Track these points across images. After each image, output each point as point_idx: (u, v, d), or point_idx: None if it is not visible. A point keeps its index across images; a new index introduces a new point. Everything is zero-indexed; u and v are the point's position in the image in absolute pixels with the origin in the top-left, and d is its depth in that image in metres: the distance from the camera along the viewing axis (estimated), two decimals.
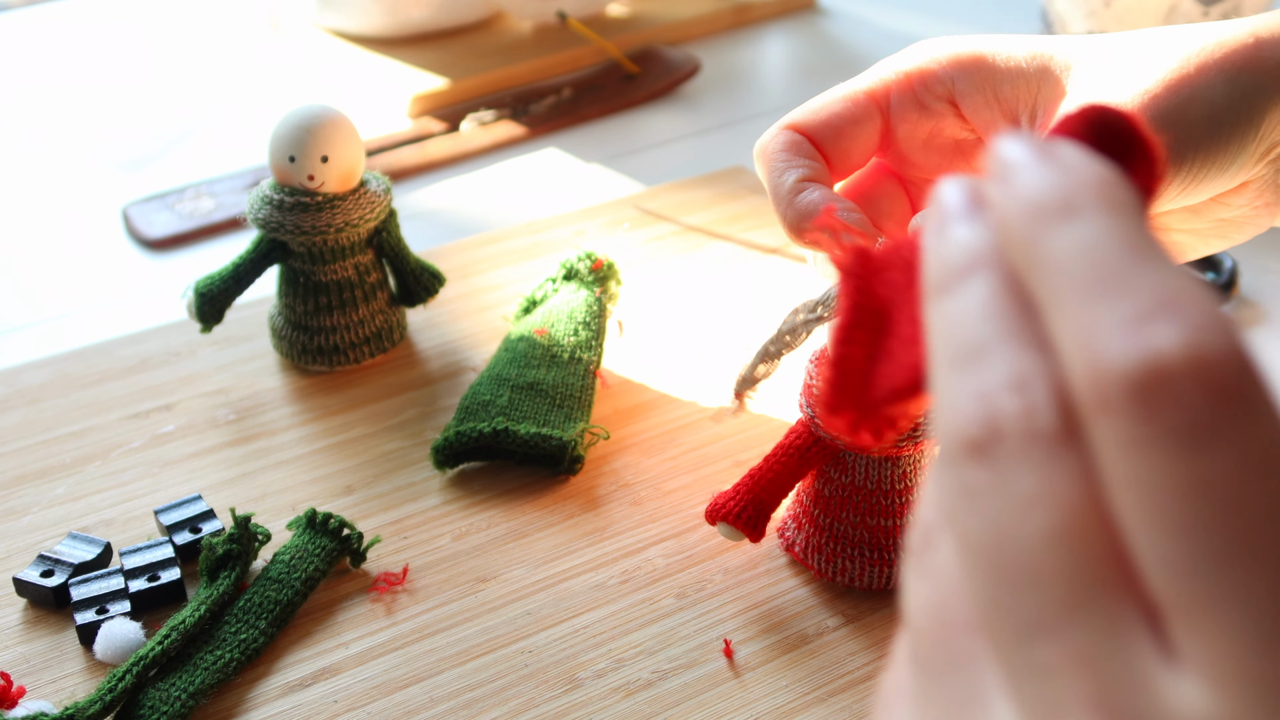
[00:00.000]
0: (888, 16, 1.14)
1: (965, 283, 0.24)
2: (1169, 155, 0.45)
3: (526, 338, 0.64)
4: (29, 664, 0.51)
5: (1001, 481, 0.22)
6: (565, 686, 0.49)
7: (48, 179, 0.93)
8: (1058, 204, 0.22)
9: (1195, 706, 0.21)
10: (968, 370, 0.23)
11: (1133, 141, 0.25)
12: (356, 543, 0.55)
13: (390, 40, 1.04)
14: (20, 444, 0.62)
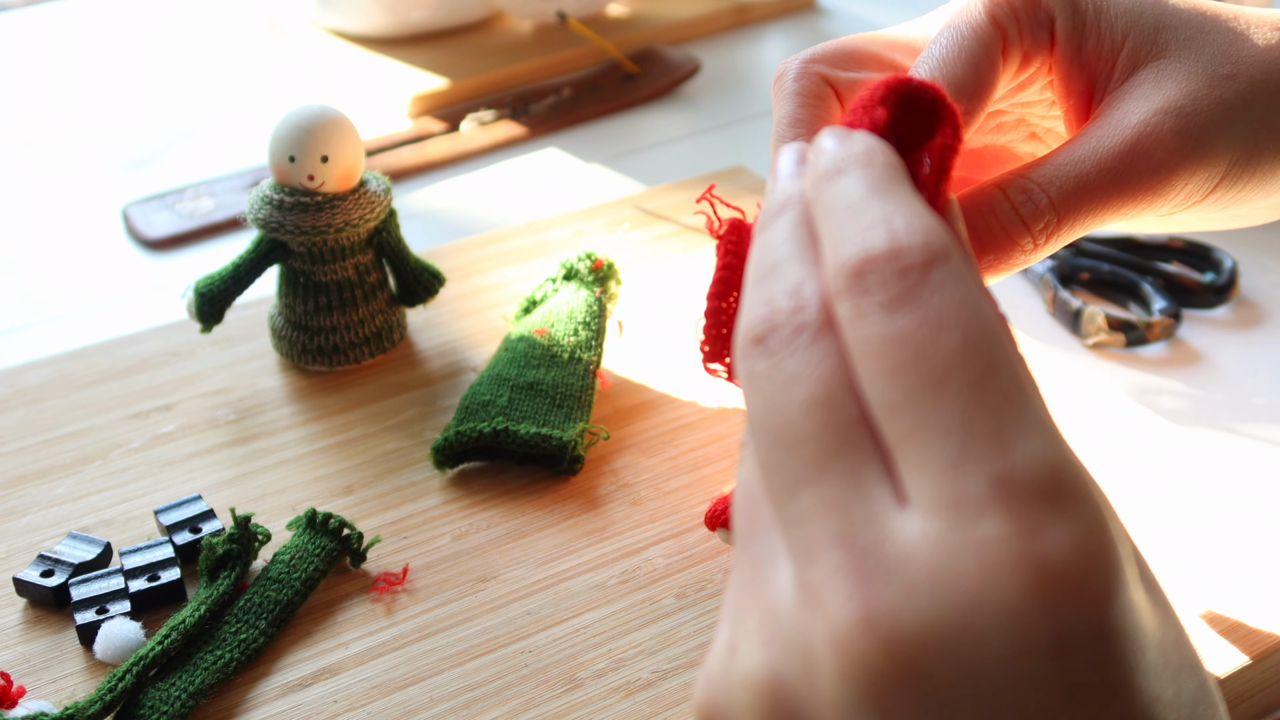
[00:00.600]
0: (888, 16, 1.14)
1: (775, 220, 0.31)
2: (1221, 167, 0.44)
3: (526, 338, 0.64)
4: (29, 664, 0.51)
5: (774, 365, 0.29)
6: (565, 686, 0.49)
7: (48, 179, 0.93)
8: (834, 167, 0.31)
9: (912, 534, 0.26)
10: (762, 282, 0.30)
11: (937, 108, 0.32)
12: (356, 543, 0.55)
13: (390, 40, 1.04)
14: (20, 444, 0.62)
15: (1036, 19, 0.44)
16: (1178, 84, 0.44)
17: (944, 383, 0.27)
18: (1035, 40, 0.45)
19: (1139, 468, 0.58)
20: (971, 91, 0.43)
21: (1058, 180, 0.43)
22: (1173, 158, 0.43)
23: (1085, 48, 0.45)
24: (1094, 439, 0.59)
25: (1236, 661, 0.48)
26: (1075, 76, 0.45)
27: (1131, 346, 0.67)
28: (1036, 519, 0.26)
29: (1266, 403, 0.64)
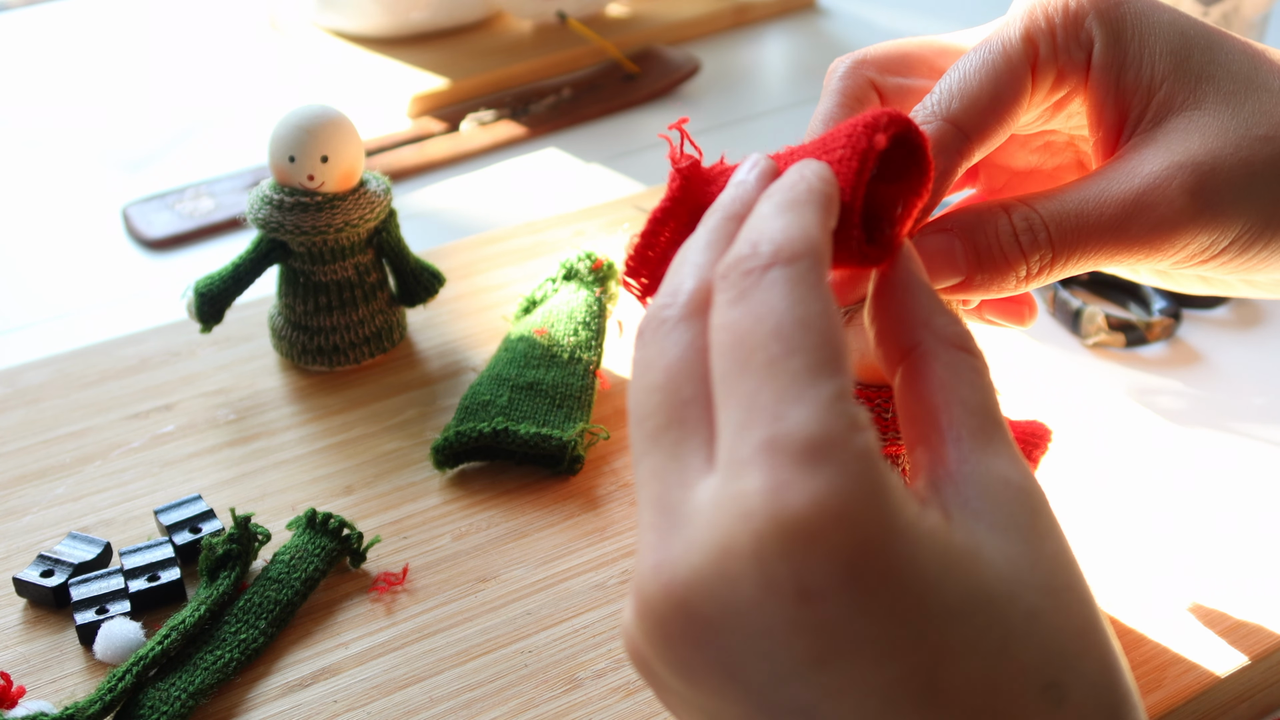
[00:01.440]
0: (888, 16, 1.14)
1: (706, 219, 0.36)
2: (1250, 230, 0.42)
3: (526, 338, 0.64)
4: (29, 664, 0.51)
5: (639, 352, 0.34)
6: (565, 686, 0.49)
7: (48, 179, 0.93)
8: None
9: (703, 493, 0.31)
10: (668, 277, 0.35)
11: (917, 157, 0.36)
12: (356, 543, 0.55)
13: (390, 40, 1.04)
14: (20, 444, 0.62)
15: (1075, 39, 0.44)
16: (1205, 138, 0.42)
17: (748, 362, 0.31)
18: (1070, 61, 0.44)
19: (1139, 468, 0.58)
20: (987, 109, 0.42)
21: (1059, 217, 0.42)
22: (1177, 215, 0.41)
23: (1122, 80, 0.43)
24: (1094, 439, 0.59)
25: (1236, 662, 0.48)
26: (1107, 108, 0.44)
27: (1131, 346, 0.67)
28: (786, 476, 0.29)
29: (1266, 403, 0.64)
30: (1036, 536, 0.32)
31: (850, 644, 0.29)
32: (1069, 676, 0.31)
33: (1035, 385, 0.63)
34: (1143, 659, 0.49)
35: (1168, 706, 0.47)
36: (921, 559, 0.30)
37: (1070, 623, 0.31)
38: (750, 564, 0.29)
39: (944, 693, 0.30)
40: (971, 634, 0.30)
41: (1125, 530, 0.54)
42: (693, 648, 0.31)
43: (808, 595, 0.29)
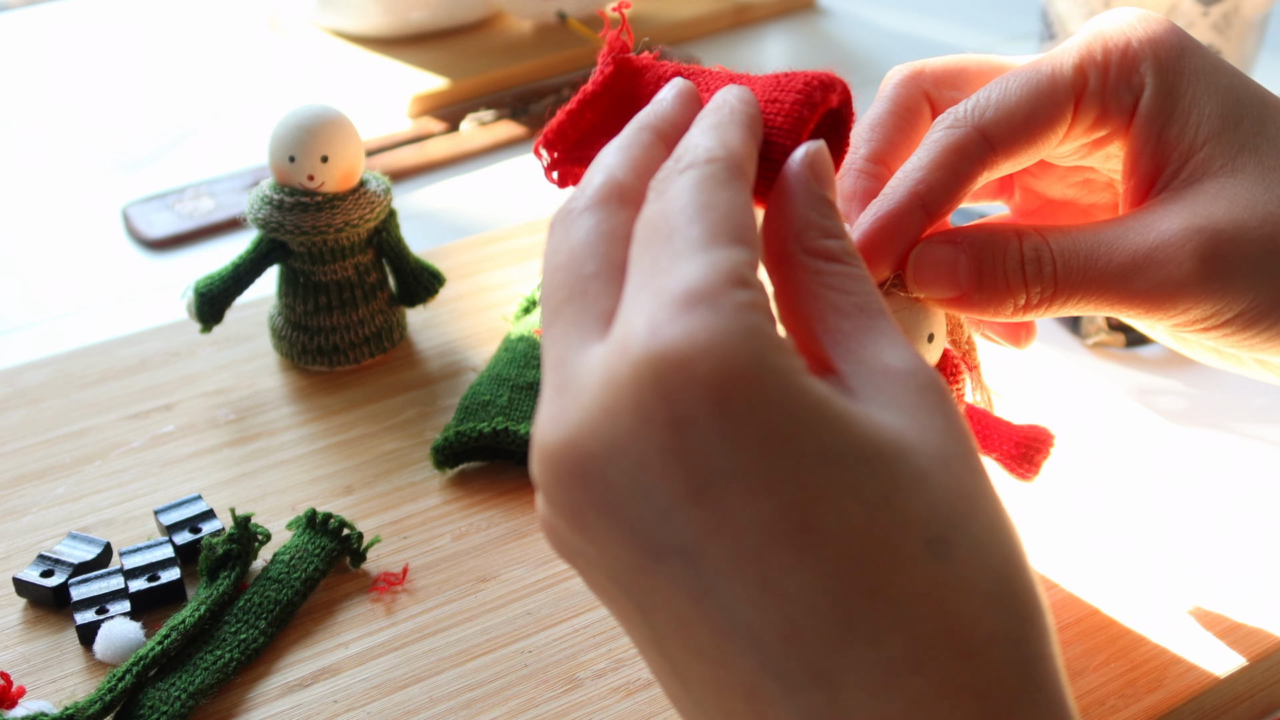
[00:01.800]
0: (888, 16, 1.14)
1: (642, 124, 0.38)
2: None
3: (526, 338, 0.64)
4: (29, 664, 0.51)
5: (553, 232, 0.36)
6: (565, 686, 0.49)
7: (48, 179, 0.93)
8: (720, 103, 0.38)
9: (599, 349, 0.33)
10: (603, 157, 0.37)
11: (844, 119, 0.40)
12: (356, 543, 0.55)
13: (390, 40, 1.04)
14: (20, 444, 0.62)
15: (1126, 82, 0.43)
16: (1231, 207, 0.42)
17: (651, 238, 0.34)
18: (1117, 103, 0.43)
19: (1139, 468, 0.58)
20: (1019, 126, 0.43)
21: (1068, 254, 0.42)
22: (1184, 277, 0.41)
23: (1165, 134, 0.43)
24: (1094, 439, 0.59)
25: (1236, 662, 0.49)
26: (1144, 159, 0.44)
27: (1131, 346, 0.67)
28: (664, 315, 0.31)
29: (1266, 403, 0.64)
30: (925, 411, 0.33)
31: (721, 476, 0.31)
32: (955, 535, 0.31)
33: (1035, 385, 0.63)
34: (1143, 659, 0.49)
35: (1168, 707, 0.47)
36: (797, 402, 0.31)
37: (960, 487, 0.32)
38: (627, 394, 0.31)
39: (819, 533, 0.31)
40: (851, 481, 0.31)
41: (1125, 530, 0.55)
42: (581, 486, 0.32)
43: (679, 423, 0.31)
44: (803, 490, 0.31)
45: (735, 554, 0.31)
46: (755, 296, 0.32)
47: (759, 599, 0.31)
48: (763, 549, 0.31)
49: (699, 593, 0.31)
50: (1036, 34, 0.90)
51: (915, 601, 0.31)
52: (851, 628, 0.30)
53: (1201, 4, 0.80)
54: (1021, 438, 0.49)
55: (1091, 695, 0.47)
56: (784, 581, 0.31)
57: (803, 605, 0.31)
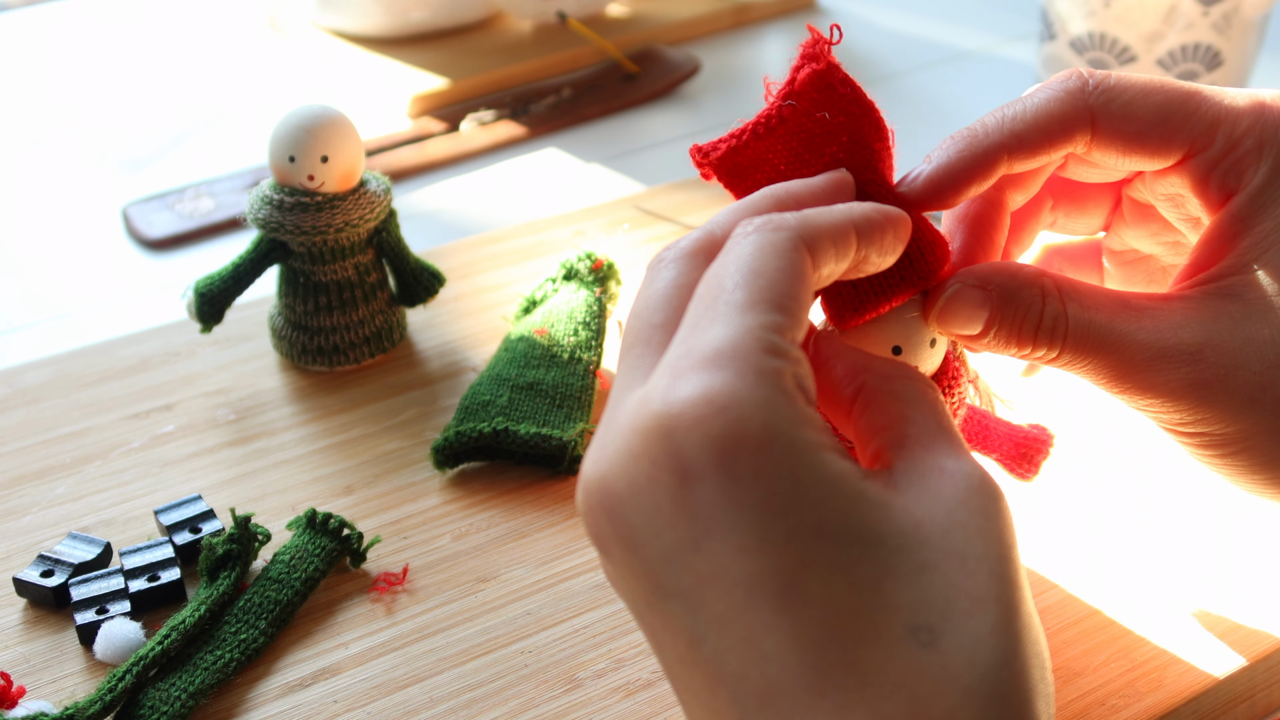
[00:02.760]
0: (888, 16, 1.14)
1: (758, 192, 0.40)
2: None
3: (526, 338, 0.64)
4: (29, 664, 0.51)
5: (648, 275, 0.38)
6: (565, 686, 0.49)
7: (48, 179, 0.93)
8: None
9: (633, 398, 0.35)
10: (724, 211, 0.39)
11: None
12: (356, 543, 0.55)
13: (390, 40, 1.04)
14: (20, 444, 0.62)
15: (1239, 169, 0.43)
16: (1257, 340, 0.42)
17: (704, 296, 0.36)
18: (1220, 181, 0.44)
19: (1139, 468, 0.58)
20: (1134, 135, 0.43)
21: (1081, 328, 0.42)
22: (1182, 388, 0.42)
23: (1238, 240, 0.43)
24: (1094, 439, 0.59)
25: (1235, 663, 0.49)
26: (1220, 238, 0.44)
27: None
28: (680, 377, 0.33)
29: None
30: (963, 510, 0.34)
31: (720, 530, 0.32)
32: (946, 626, 0.32)
33: (1035, 385, 0.63)
34: (1143, 659, 0.49)
35: (1167, 707, 0.47)
36: (805, 474, 0.33)
37: (971, 587, 0.32)
38: (647, 442, 0.33)
39: (802, 599, 0.32)
40: (843, 558, 0.32)
41: (1125, 530, 0.55)
42: (607, 519, 0.34)
43: (686, 476, 0.33)
44: (792, 557, 0.32)
45: (725, 606, 0.32)
46: (784, 365, 0.34)
47: (742, 652, 0.32)
48: (748, 604, 0.32)
49: (695, 638, 0.33)
50: (1036, 34, 0.90)
51: (887, 682, 0.31)
52: (822, 696, 0.31)
53: (1201, 4, 0.80)
54: (1021, 438, 0.49)
55: (1091, 695, 0.47)
56: (765, 640, 0.32)
57: (779, 665, 0.32)
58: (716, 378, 0.33)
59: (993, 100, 0.77)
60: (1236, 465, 0.44)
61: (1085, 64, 0.84)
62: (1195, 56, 0.82)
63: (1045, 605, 0.51)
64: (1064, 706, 0.47)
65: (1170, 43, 0.81)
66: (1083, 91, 0.43)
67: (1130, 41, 0.82)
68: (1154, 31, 0.81)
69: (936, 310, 0.42)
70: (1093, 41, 0.83)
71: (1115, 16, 0.82)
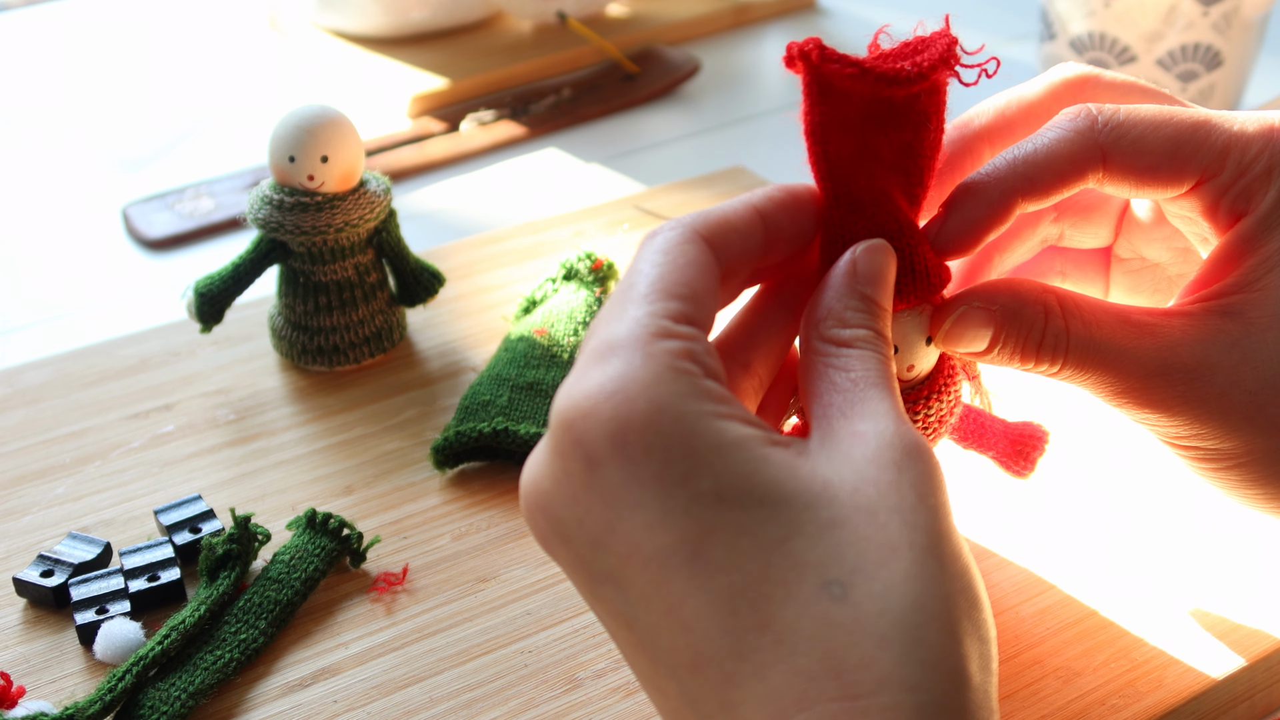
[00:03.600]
0: (888, 16, 1.14)
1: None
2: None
3: (526, 338, 0.64)
4: (29, 664, 0.51)
5: None
6: (565, 686, 0.49)
7: (48, 179, 0.93)
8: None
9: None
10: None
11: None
12: (356, 543, 0.55)
13: (390, 40, 1.04)
14: (20, 444, 0.62)
15: (1248, 193, 0.44)
16: (1255, 358, 0.42)
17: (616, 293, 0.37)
18: (1229, 206, 0.44)
19: (1138, 468, 0.58)
20: (1145, 169, 0.43)
21: (1083, 346, 0.43)
22: (1176, 403, 0.43)
23: (1242, 261, 0.43)
24: (1093, 439, 0.59)
25: (1235, 663, 0.49)
26: (1229, 257, 0.44)
27: None
28: (578, 373, 0.35)
29: None
30: (873, 467, 0.34)
31: (626, 509, 0.33)
32: (857, 579, 0.32)
33: (1034, 384, 0.63)
34: (1143, 659, 0.49)
35: (1167, 707, 0.47)
36: (698, 442, 0.33)
37: (883, 539, 0.33)
38: (558, 438, 0.35)
39: (710, 565, 0.33)
40: (746, 521, 0.33)
41: (1125, 531, 0.55)
42: (542, 518, 0.36)
43: (590, 462, 0.34)
44: (696, 525, 0.33)
45: (645, 582, 0.33)
46: (675, 345, 0.35)
47: (668, 625, 0.33)
48: (663, 578, 0.33)
49: (629, 619, 0.34)
50: (1036, 34, 0.90)
51: (801, 638, 0.32)
52: (743, 659, 0.32)
53: (1201, 4, 0.80)
54: (1017, 435, 0.49)
55: (1091, 695, 0.47)
56: (682, 610, 0.33)
57: (700, 634, 0.32)
58: (607, 367, 0.35)
59: None
60: (1232, 480, 0.45)
61: (1085, 64, 0.84)
62: (1195, 56, 0.82)
63: (1045, 605, 0.51)
64: (1064, 706, 0.47)
65: (1170, 43, 0.81)
66: (1092, 130, 0.43)
67: (1130, 41, 0.82)
68: (1154, 31, 0.81)
69: (943, 332, 0.43)
70: (1093, 41, 0.83)
71: (1115, 16, 0.82)
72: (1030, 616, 0.51)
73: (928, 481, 0.34)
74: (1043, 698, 0.47)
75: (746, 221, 0.39)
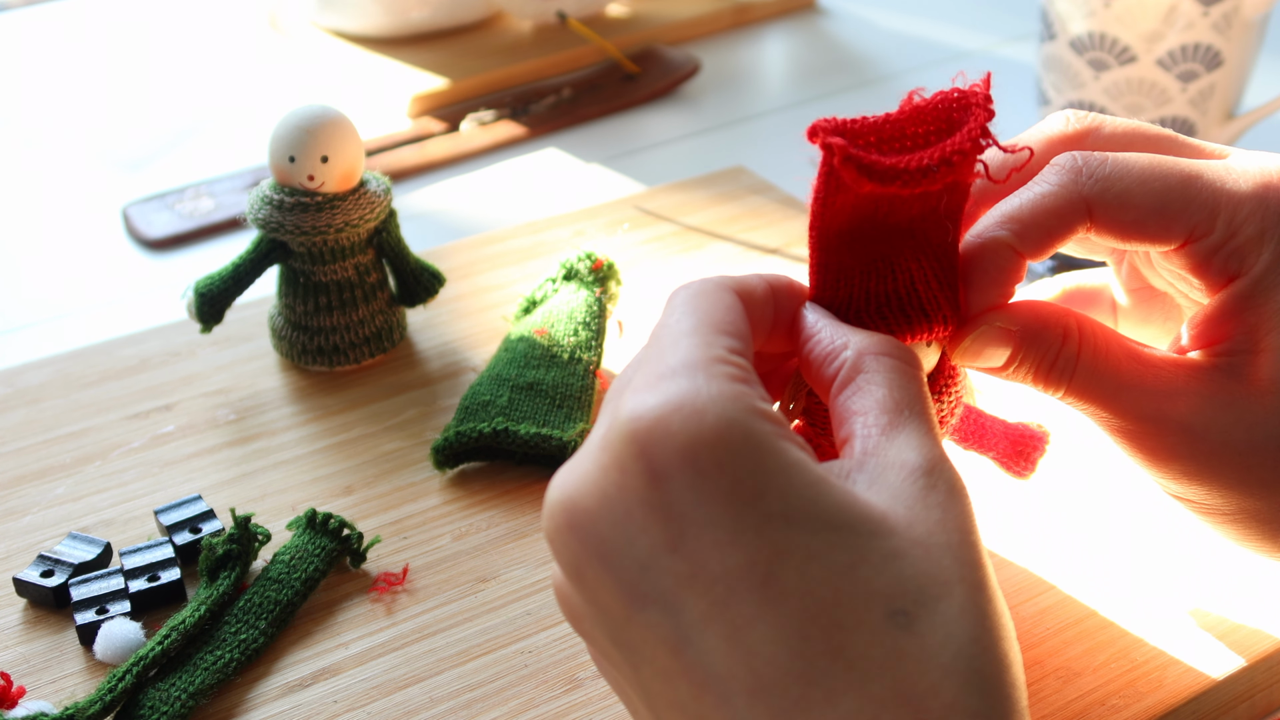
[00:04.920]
0: (888, 16, 1.14)
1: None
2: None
3: (526, 338, 0.64)
4: (29, 664, 0.51)
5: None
6: (565, 686, 0.49)
7: (48, 179, 0.93)
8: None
9: (608, 412, 0.37)
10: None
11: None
12: (356, 543, 0.55)
13: (390, 40, 1.04)
14: (20, 444, 0.62)
15: (1240, 253, 0.43)
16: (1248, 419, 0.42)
17: (655, 335, 0.38)
18: (1222, 265, 0.44)
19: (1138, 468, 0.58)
20: (1130, 224, 0.43)
21: (1086, 379, 0.43)
22: (1177, 447, 0.43)
23: (1240, 317, 0.43)
24: (1092, 439, 0.59)
25: (1235, 663, 0.49)
26: (1222, 321, 0.44)
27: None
28: (641, 391, 0.35)
29: None
30: (922, 503, 0.35)
31: (694, 527, 0.33)
32: (920, 611, 0.33)
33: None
34: (1143, 660, 0.49)
35: (1167, 707, 0.47)
36: (767, 462, 0.34)
37: (937, 571, 0.33)
38: (614, 453, 0.35)
39: (782, 589, 0.32)
40: (816, 545, 0.33)
41: (1124, 531, 0.55)
42: (576, 538, 0.35)
43: (655, 477, 0.34)
44: (768, 547, 0.33)
45: (707, 604, 0.33)
46: (737, 372, 0.35)
47: (728, 650, 0.33)
48: (730, 600, 0.33)
49: (678, 642, 0.33)
50: (1036, 34, 0.90)
51: (873, 666, 0.32)
52: (812, 685, 0.32)
53: (1201, 4, 0.80)
54: (1017, 436, 0.49)
55: (1091, 695, 0.47)
56: (749, 633, 0.32)
57: (766, 659, 0.32)
58: (674, 384, 0.35)
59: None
60: (1228, 532, 0.45)
61: (1085, 64, 0.84)
62: (1195, 56, 0.82)
63: (1045, 605, 0.51)
64: (1064, 706, 0.47)
65: (1170, 43, 0.81)
66: (1076, 182, 0.43)
67: (1130, 41, 0.82)
68: (1154, 31, 0.81)
69: (962, 348, 0.43)
70: (1093, 41, 0.83)
71: (1115, 16, 0.82)
72: (1030, 616, 0.51)
73: (967, 517, 0.36)
74: (1043, 698, 0.47)
75: (761, 290, 0.40)
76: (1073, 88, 0.86)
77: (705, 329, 0.37)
